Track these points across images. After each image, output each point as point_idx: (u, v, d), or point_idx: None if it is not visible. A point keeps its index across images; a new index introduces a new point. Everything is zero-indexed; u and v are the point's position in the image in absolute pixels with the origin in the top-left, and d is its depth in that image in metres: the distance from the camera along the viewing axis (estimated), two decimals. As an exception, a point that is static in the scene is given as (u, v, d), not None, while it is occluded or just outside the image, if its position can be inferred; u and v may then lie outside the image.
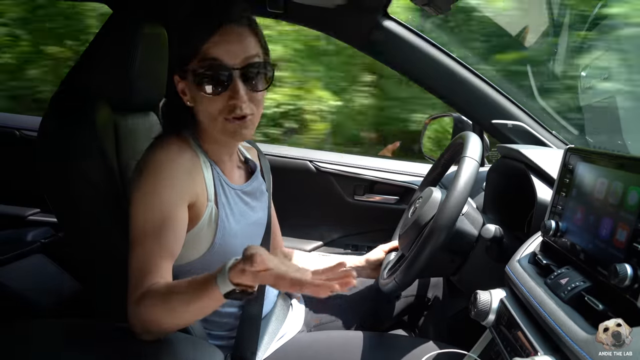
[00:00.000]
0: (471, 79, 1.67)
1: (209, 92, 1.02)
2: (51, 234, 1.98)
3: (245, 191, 1.22)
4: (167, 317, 0.89)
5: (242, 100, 1.03)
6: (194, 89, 1.05)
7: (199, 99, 1.05)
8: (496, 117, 1.69)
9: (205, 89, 1.02)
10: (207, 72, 1.01)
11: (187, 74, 1.05)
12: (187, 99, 1.09)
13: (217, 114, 1.04)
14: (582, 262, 0.85)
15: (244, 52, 1.03)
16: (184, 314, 0.89)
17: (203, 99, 1.04)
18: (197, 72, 1.02)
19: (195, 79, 1.03)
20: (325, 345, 1.29)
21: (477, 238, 1.26)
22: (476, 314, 0.97)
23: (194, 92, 1.05)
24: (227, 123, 1.05)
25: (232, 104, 1.03)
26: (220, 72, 1.01)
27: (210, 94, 1.03)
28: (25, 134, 2.16)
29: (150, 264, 0.95)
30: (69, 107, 1.19)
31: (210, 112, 1.05)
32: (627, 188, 0.76)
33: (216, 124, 1.06)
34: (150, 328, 0.91)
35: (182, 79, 1.08)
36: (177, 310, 0.88)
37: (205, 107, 1.05)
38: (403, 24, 1.64)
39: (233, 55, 1.02)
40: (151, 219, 0.99)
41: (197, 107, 1.08)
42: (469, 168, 1.15)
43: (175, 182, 1.02)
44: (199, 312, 0.91)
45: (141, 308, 0.90)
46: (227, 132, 1.07)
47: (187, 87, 1.07)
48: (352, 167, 2.13)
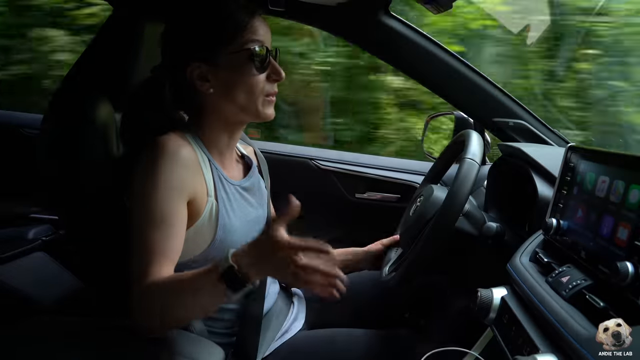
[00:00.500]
0: (473, 77, 1.67)
1: (258, 71, 1.11)
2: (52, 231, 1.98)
3: (244, 187, 1.23)
4: (169, 310, 0.89)
5: (283, 76, 1.14)
6: (234, 71, 1.10)
7: (241, 80, 1.11)
8: (498, 115, 1.68)
9: (253, 67, 1.10)
10: (254, 52, 1.09)
11: (221, 58, 1.10)
12: (208, 86, 1.11)
13: (260, 92, 1.12)
14: (584, 260, 0.85)
15: (270, 37, 1.14)
16: (186, 306, 0.89)
17: (248, 78, 1.10)
18: (242, 53, 1.09)
19: (239, 60, 1.09)
20: (326, 343, 1.29)
21: (479, 236, 1.26)
22: (477, 312, 0.97)
23: (233, 75, 1.11)
24: (267, 101, 1.15)
25: (272, 80, 1.14)
26: (265, 52, 1.11)
27: (258, 72, 1.11)
28: (27, 131, 2.16)
29: (151, 261, 0.95)
30: (69, 105, 1.19)
31: (256, 90, 1.12)
32: (629, 186, 0.76)
33: (257, 102, 1.13)
34: (152, 323, 0.91)
35: (210, 66, 1.10)
36: (179, 301, 0.89)
37: (250, 85, 1.11)
38: (405, 22, 1.63)
39: (267, 38, 1.13)
40: (150, 216, 0.99)
41: (231, 90, 1.12)
42: (470, 166, 1.15)
43: (172, 178, 1.03)
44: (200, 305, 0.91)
45: (143, 302, 0.90)
46: (266, 110, 1.15)
47: (217, 73, 1.11)
48: (353, 165, 2.13)
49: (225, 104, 1.13)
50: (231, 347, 1.19)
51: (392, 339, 1.31)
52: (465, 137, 1.25)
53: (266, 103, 1.14)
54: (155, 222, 0.99)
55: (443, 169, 1.55)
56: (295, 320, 1.40)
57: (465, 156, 1.17)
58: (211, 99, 1.13)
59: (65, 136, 1.15)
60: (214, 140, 1.17)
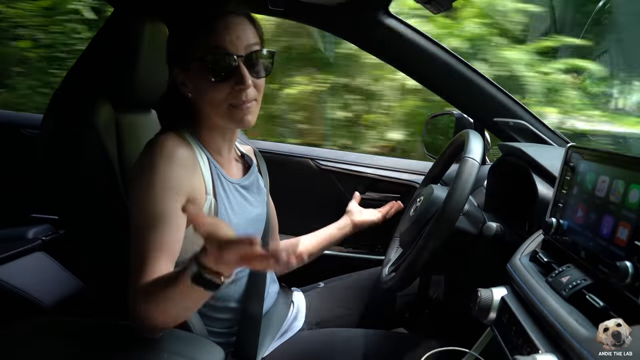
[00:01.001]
0: (473, 77, 1.67)
1: (216, 79, 1.05)
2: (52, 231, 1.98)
3: (243, 185, 1.23)
4: (155, 311, 0.89)
5: (248, 85, 1.06)
6: (199, 78, 1.07)
7: (203, 88, 1.07)
8: (498, 115, 1.69)
9: (211, 76, 1.05)
10: (213, 59, 1.04)
11: (190, 64, 1.07)
12: (188, 91, 1.11)
13: (223, 100, 1.08)
14: (583, 260, 0.85)
15: (246, 40, 1.07)
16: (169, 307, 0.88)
17: (208, 86, 1.06)
18: (203, 60, 1.05)
19: (200, 67, 1.05)
20: (326, 343, 1.29)
21: (479, 236, 1.26)
22: (477, 312, 0.97)
23: (198, 82, 1.08)
24: (233, 109, 1.09)
25: (238, 89, 1.06)
26: (226, 59, 1.05)
27: (217, 81, 1.05)
28: (28, 131, 2.16)
29: (148, 261, 0.95)
30: (70, 105, 1.20)
31: (216, 99, 1.07)
32: (629, 186, 0.76)
33: (221, 111, 1.09)
34: (146, 324, 0.91)
35: (183, 71, 1.09)
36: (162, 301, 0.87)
37: (211, 94, 1.07)
38: (404, 22, 1.63)
39: (236, 43, 1.06)
40: (149, 215, 0.99)
41: (200, 96, 1.10)
42: (470, 166, 1.15)
43: (170, 178, 1.02)
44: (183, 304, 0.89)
45: (136, 304, 0.90)
46: (234, 118, 1.10)
47: (189, 78, 1.09)
48: (353, 165, 2.13)
49: (201, 109, 1.13)
50: (231, 347, 1.19)
51: (392, 339, 1.31)
52: (466, 137, 1.25)
53: (233, 111, 1.09)
54: (152, 222, 0.99)
55: (443, 168, 1.55)
56: (295, 320, 1.41)
57: (465, 155, 1.17)
58: (194, 102, 1.12)
59: (66, 136, 1.15)
60: (209, 139, 1.17)
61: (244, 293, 1.23)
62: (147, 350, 0.92)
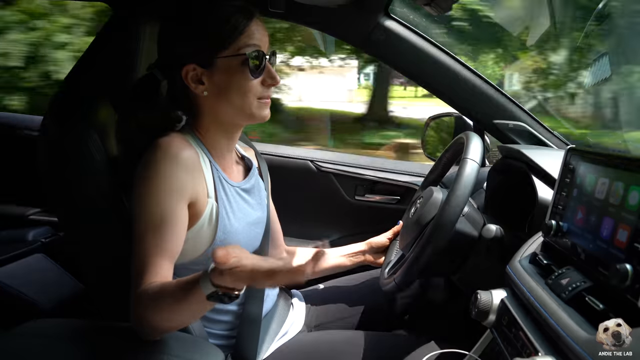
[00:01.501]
0: (472, 79, 1.67)
1: (253, 76, 1.10)
2: (52, 233, 1.98)
3: (244, 188, 1.23)
4: (160, 318, 0.90)
5: (279, 80, 1.15)
6: (229, 75, 1.10)
7: (236, 84, 1.10)
8: (497, 117, 1.69)
9: (248, 72, 1.09)
10: (249, 57, 1.08)
11: (214, 62, 1.09)
12: (203, 89, 1.11)
13: (253, 96, 1.12)
14: (583, 262, 0.85)
15: (267, 40, 1.14)
16: (174, 315, 0.89)
17: (243, 82, 1.10)
18: (237, 58, 1.08)
19: (231, 65, 1.09)
20: (326, 345, 1.29)
21: (478, 238, 1.26)
22: (477, 314, 0.97)
23: (228, 78, 1.10)
24: (262, 104, 1.15)
25: (267, 84, 1.14)
26: (260, 57, 1.10)
27: (253, 77, 1.10)
28: (27, 133, 2.16)
29: (149, 263, 0.95)
30: (69, 106, 1.19)
31: (249, 95, 1.12)
32: (628, 188, 0.76)
33: (251, 106, 1.13)
34: (146, 328, 0.91)
35: (203, 67, 1.10)
36: (167, 311, 0.88)
37: (244, 90, 1.11)
38: (404, 23, 1.64)
39: (264, 42, 1.13)
40: (151, 218, 0.99)
41: (227, 93, 1.11)
42: (469, 168, 1.15)
43: (173, 181, 1.03)
44: (189, 314, 0.91)
45: (138, 308, 0.90)
46: (261, 113, 1.15)
47: (211, 76, 1.10)
48: (353, 167, 2.13)
49: (219, 106, 1.13)
50: (231, 349, 1.19)
51: (392, 341, 1.30)
52: (465, 139, 1.25)
53: (261, 106, 1.14)
54: (155, 224, 0.99)
55: (443, 170, 1.55)
56: (295, 322, 1.40)
57: (465, 157, 1.17)
58: (206, 101, 1.13)
59: (65, 137, 1.15)
60: (213, 141, 1.17)
61: (244, 295, 1.22)
62: (146, 352, 0.92)
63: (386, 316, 1.55)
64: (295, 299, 1.50)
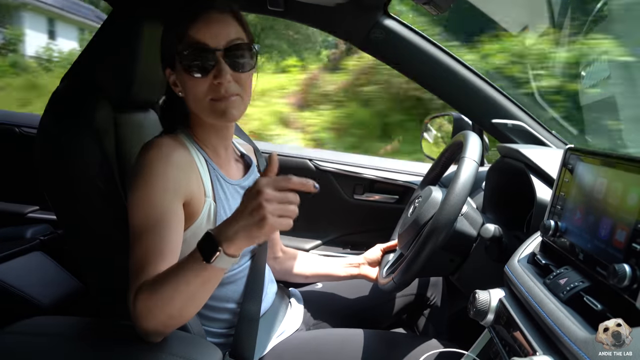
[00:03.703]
0: (471, 78, 1.67)
1: (196, 75, 1.06)
2: (50, 231, 1.98)
3: (243, 186, 1.23)
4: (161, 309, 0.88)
5: (226, 79, 1.07)
6: (182, 76, 1.09)
7: (187, 85, 1.09)
8: (496, 117, 1.69)
9: (191, 72, 1.06)
10: (192, 55, 1.06)
11: (175, 62, 1.09)
12: (178, 90, 1.12)
13: (204, 95, 1.08)
14: (581, 262, 0.85)
15: (226, 35, 1.08)
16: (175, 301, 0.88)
17: (190, 82, 1.08)
18: (183, 56, 1.06)
19: (181, 64, 1.07)
20: (324, 343, 1.29)
21: (477, 238, 1.26)
22: (475, 314, 0.97)
23: (182, 79, 1.09)
24: (214, 104, 1.09)
25: (217, 83, 1.07)
26: (205, 55, 1.06)
27: (197, 75, 1.06)
28: (25, 130, 2.16)
29: (146, 264, 0.95)
30: (68, 104, 1.19)
31: (197, 94, 1.08)
32: (627, 188, 0.76)
33: (204, 107, 1.10)
34: (149, 327, 0.90)
35: (172, 71, 1.11)
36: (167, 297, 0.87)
37: (193, 90, 1.08)
38: (403, 22, 1.64)
39: (216, 38, 1.06)
40: (145, 218, 0.99)
41: (186, 94, 1.11)
42: (468, 168, 1.15)
43: (167, 180, 1.02)
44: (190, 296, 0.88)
45: (136, 308, 0.89)
46: (216, 113, 1.10)
47: (177, 76, 1.11)
48: (351, 166, 2.13)
49: (191, 107, 1.13)
50: (229, 347, 1.19)
51: (390, 339, 1.31)
52: (464, 138, 1.25)
53: (214, 106, 1.09)
54: (151, 225, 0.98)
55: (441, 170, 1.55)
56: (293, 321, 1.40)
57: (464, 156, 1.17)
58: (186, 101, 1.13)
59: (64, 136, 1.15)
60: (206, 140, 1.18)
61: (242, 293, 1.23)
62: (144, 350, 0.92)
63: (385, 315, 1.55)
64: (293, 297, 1.50)
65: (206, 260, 0.84)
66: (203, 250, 0.85)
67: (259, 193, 0.81)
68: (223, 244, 0.84)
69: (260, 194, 0.81)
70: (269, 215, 0.80)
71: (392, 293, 1.52)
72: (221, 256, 0.84)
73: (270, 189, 0.81)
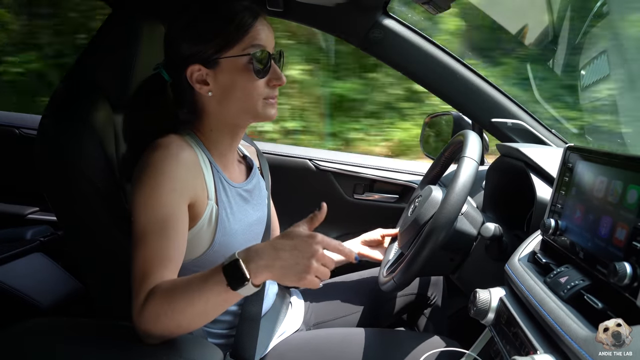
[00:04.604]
0: (471, 78, 1.67)
1: (258, 75, 1.09)
2: (50, 232, 1.97)
3: (246, 189, 1.22)
4: (171, 318, 0.87)
5: (284, 80, 1.13)
6: (233, 75, 1.09)
7: (241, 84, 1.10)
8: (496, 116, 1.69)
9: (254, 72, 1.09)
10: (255, 57, 1.08)
11: (218, 62, 1.08)
12: (207, 89, 1.10)
13: (259, 96, 1.11)
14: (582, 261, 0.85)
15: (273, 40, 1.14)
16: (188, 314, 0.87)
17: (248, 82, 1.09)
18: (242, 58, 1.08)
19: (237, 64, 1.08)
20: (324, 342, 1.29)
21: (477, 237, 1.26)
22: (476, 313, 0.97)
23: (233, 78, 1.09)
24: (267, 104, 1.13)
25: (273, 84, 1.12)
26: (266, 57, 1.09)
27: (259, 76, 1.09)
28: (25, 132, 2.16)
29: (153, 266, 0.93)
30: (68, 105, 1.19)
31: (253, 94, 1.11)
32: (627, 186, 0.76)
33: (257, 106, 1.12)
34: (154, 332, 0.88)
35: (208, 68, 1.09)
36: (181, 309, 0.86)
37: (249, 89, 1.10)
38: (403, 22, 1.64)
39: (270, 41, 1.12)
40: (152, 219, 0.97)
41: (231, 93, 1.10)
42: (468, 167, 1.15)
43: (174, 180, 1.01)
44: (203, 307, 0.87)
45: (145, 311, 0.88)
46: (267, 112, 1.14)
47: (215, 76, 1.09)
48: (351, 166, 2.13)
49: (224, 107, 1.12)
50: (229, 348, 1.18)
51: (391, 338, 1.31)
52: (464, 137, 1.25)
53: (266, 105, 1.13)
54: (157, 225, 0.97)
55: (441, 169, 1.55)
56: (294, 320, 1.40)
57: (464, 155, 1.17)
58: (210, 101, 1.12)
59: (64, 136, 1.15)
60: (215, 142, 1.16)
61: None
62: (145, 352, 0.91)
63: (385, 314, 1.55)
64: (294, 297, 1.50)
65: (232, 288, 0.84)
66: (229, 276, 0.84)
67: (315, 250, 0.86)
68: (252, 274, 0.85)
69: (315, 251, 0.86)
70: (312, 272, 0.85)
71: (392, 292, 1.52)
72: (248, 286, 0.85)
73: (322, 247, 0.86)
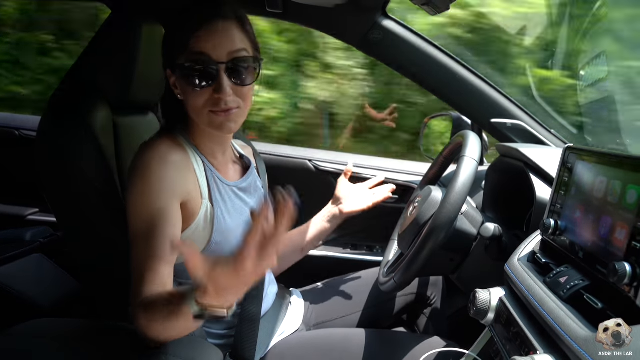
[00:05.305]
0: (470, 78, 1.67)
1: (195, 86, 1.04)
2: (50, 233, 1.97)
3: (241, 187, 1.22)
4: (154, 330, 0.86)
5: (226, 94, 1.05)
6: (182, 83, 1.07)
7: (186, 93, 1.07)
8: (495, 116, 1.69)
9: (191, 82, 1.05)
10: (193, 66, 1.04)
11: (176, 68, 1.07)
12: (178, 93, 1.11)
13: (202, 107, 1.07)
14: (581, 261, 0.85)
15: (230, 47, 1.05)
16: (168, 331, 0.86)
17: (190, 92, 1.06)
18: (184, 66, 1.04)
19: (182, 72, 1.05)
20: (324, 343, 1.29)
21: (477, 237, 1.26)
22: (475, 313, 0.97)
23: (182, 86, 1.08)
24: (213, 116, 1.07)
25: (216, 97, 1.05)
26: (206, 66, 1.04)
27: (197, 88, 1.05)
28: (25, 133, 2.16)
29: (146, 267, 0.94)
30: (67, 107, 1.19)
31: (196, 105, 1.07)
32: (626, 186, 0.76)
33: (202, 117, 1.08)
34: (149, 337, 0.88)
35: (172, 74, 1.09)
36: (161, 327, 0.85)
37: (192, 100, 1.07)
38: (402, 23, 1.64)
39: (219, 49, 1.04)
40: (144, 219, 0.99)
41: (185, 101, 1.09)
42: (468, 167, 1.15)
43: (165, 180, 1.02)
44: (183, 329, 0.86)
45: (137, 319, 0.88)
46: (214, 124, 1.09)
47: (177, 81, 1.09)
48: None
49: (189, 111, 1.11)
50: (229, 348, 1.18)
51: (391, 339, 1.31)
52: (464, 138, 1.25)
53: (212, 118, 1.07)
54: (150, 226, 0.98)
55: (441, 169, 1.55)
56: (293, 321, 1.40)
57: (463, 155, 1.17)
58: (185, 105, 1.11)
59: (63, 138, 1.15)
60: (203, 142, 1.17)
61: (243, 294, 1.22)
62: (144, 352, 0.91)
63: (385, 315, 1.55)
64: (294, 297, 1.50)
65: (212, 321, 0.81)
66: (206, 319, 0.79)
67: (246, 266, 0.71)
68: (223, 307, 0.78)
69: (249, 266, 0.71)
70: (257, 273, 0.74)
71: (392, 293, 1.52)
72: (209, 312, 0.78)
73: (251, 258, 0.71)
